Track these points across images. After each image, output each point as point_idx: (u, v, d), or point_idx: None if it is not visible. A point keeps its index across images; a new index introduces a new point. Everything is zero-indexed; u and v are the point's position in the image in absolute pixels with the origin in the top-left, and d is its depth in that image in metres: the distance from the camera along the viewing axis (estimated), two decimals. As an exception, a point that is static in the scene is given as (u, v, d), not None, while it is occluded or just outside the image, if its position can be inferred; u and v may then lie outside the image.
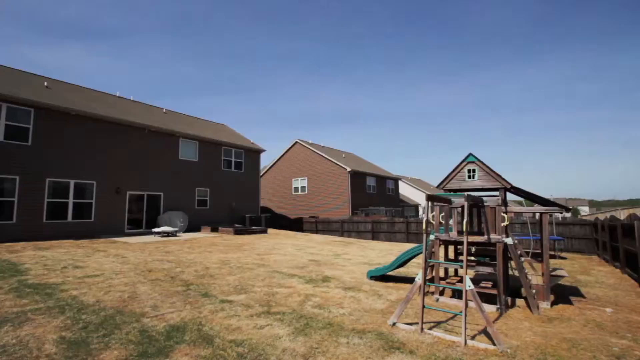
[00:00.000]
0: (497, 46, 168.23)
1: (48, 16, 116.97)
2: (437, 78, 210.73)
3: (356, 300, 6.13)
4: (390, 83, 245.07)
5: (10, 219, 12.84)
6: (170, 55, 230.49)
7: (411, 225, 19.21)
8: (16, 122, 13.28)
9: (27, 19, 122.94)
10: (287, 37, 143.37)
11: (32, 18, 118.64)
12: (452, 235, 6.29)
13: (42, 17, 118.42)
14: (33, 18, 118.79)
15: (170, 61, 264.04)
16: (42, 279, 7.05)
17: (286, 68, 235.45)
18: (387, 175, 34.43)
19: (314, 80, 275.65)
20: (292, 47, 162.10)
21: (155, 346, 4.00)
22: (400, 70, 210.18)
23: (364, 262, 10.46)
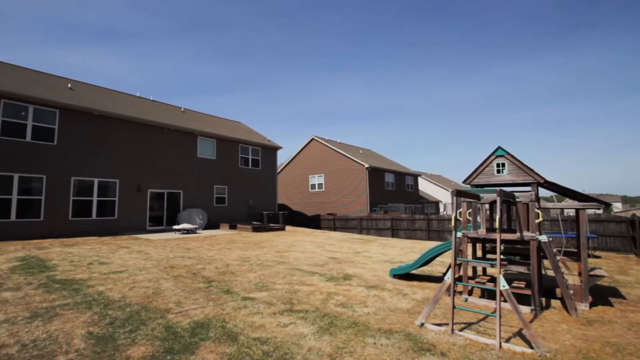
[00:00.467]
0: (521, 36, 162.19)
1: (70, 21, 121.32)
2: (456, 71, 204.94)
3: (380, 299, 5.97)
4: (408, 78, 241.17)
5: (38, 217, 13.28)
6: (188, 56, 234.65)
7: (432, 222, 18.78)
8: (42, 122, 13.71)
9: (50, 24, 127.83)
10: (302, 34, 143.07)
11: (54, 23, 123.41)
12: (481, 233, 6.02)
13: (64, 22, 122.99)
14: (55, 23, 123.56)
15: (187, 61, 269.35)
16: (69, 274, 7.20)
17: (302, 65, 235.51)
18: (406, 172, 33.89)
19: (330, 77, 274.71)
20: (308, 44, 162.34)
21: (180, 343, 3.96)
22: (419, 65, 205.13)
23: (385, 260, 10.26)
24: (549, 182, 5.71)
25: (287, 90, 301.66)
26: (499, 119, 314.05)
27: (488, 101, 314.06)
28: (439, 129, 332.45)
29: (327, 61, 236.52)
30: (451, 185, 47.05)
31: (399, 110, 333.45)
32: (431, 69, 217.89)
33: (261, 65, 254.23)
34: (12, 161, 12.72)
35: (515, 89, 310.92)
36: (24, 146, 13.09)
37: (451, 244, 6.91)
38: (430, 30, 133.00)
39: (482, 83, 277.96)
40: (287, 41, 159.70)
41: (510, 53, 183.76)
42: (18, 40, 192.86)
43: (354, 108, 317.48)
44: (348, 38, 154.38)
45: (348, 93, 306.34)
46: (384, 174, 30.01)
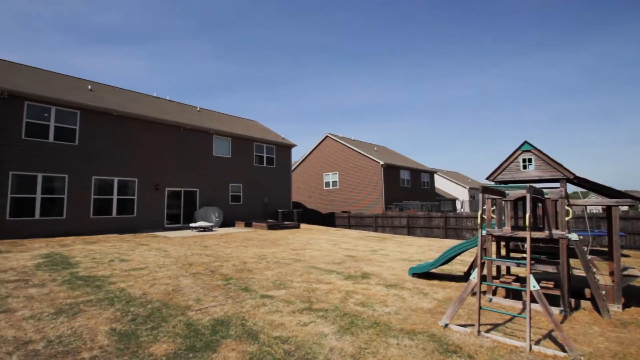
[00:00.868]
0: (542, 29, 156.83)
1: (87, 24, 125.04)
2: (474, 67, 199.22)
3: (400, 299, 5.84)
4: (424, 74, 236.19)
5: (61, 215, 13.66)
6: (202, 56, 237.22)
7: (450, 220, 18.43)
8: (64, 123, 14.07)
9: (68, 28, 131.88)
10: (317, 31, 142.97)
11: (72, 26, 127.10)
12: (506, 231, 5.80)
13: (82, 25, 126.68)
14: (73, 26, 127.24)
15: (202, 61, 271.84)
16: (91, 271, 7.34)
17: (316, 62, 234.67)
18: (422, 169, 33.38)
19: (344, 74, 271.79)
20: (323, 41, 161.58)
21: (202, 340, 3.95)
22: (435, 61, 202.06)
23: (402, 258, 10.09)
24: (578, 177, 5.45)
25: (300, 88, 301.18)
26: (518, 114, 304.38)
27: (506, 97, 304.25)
28: (456, 125, 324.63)
29: (341, 58, 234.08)
30: (468, 183, 46.12)
31: (414, 106, 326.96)
32: (448, 65, 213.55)
33: (274, 64, 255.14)
34: (36, 161, 13.11)
35: (534, 84, 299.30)
36: (47, 146, 13.47)
37: (473, 243, 6.72)
38: (447, 26, 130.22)
39: (499, 78, 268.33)
40: (300, 39, 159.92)
41: (528, 48, 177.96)
42: (39, 43, 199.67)
43: (369, 105, 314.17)
44: (362, 35, 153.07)
45: (362, 90, 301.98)
46: (399, 171, 29.64)
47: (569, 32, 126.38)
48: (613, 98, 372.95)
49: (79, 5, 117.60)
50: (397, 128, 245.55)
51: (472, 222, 17.73)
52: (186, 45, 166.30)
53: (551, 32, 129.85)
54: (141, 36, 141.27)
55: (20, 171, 12.74)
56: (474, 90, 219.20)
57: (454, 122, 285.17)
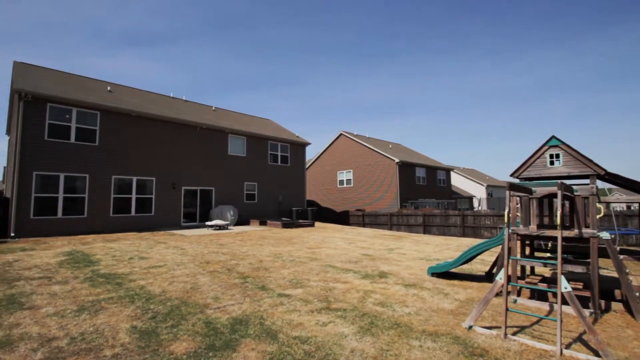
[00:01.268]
0: (561, 20, 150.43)
1: (106, 28, 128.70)
2: (490, 62, 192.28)
3: (420, 299, 5.69)
4: (439, 70, 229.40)
5: (82, 214, 14.02)
6: (217, 56, 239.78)
7: (467, 218, 18.02)
8: (85, 124, 14.41)
9: (87, 31, 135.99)
10: (329, 30, 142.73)
11: (91, 30, 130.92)
12: (532, 230, 5.58)
13: (101, 28, 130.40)
14: (92, 30, 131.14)
15: (217, 61, 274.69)
16: (112, 269, 7.47)
17: (329, 60, 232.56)
18: (438, 166, 32.83)
19: (357, 71, 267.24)
20: (336, 40, 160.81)
21: (221, 339, 3.93)
22: (450, 57, 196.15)
23: (420, 257, 9.90)
24: (610, 173, 5.17)
25: (314, 86, 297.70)
26: (537, 109, 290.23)
27: (524, 92, 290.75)
28: (473, 121, 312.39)
29: (355, 56, 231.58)
30: (486, 180, 45.11)
31: (430, 103, 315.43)
32: (463, 60, 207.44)
33: (288, 63, 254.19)
34: (58, 161, 13.48)
35: (553, 77, 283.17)
36: (68, 147, 13.83)
37: (495, 242, 6.50)
38: (461, 23, 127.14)
39: (517, 73, 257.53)
40: (313, 38, 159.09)
41: (547, 41, 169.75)
42: (60, 47, 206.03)
43: (383, 102, 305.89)
44: (375, 33, 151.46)
45: (376, 87, 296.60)
46: (414, 169, 29.23)
47: (583, 27, 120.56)
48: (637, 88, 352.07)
49: (98, 11, 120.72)
50: (413, 125, 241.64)
51: (490, 220, 17.28)
52: (202, 46, 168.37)
53: (569, 25, 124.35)
54: (158, 38, 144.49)
55: (44, 171, 13.12)
56: (490, 85, 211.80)
57: (470, 118, 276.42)
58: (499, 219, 17.10)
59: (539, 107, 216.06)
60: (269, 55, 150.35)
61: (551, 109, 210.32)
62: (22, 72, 14.68)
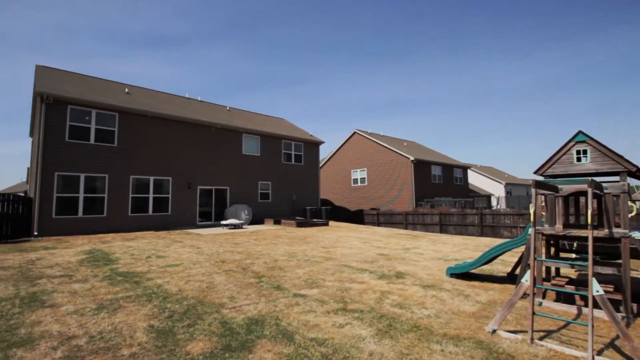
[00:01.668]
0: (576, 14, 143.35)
1: (121, 31, 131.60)
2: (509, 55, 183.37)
3: (440, 301, 5.52)
4: (455, 65, 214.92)
5: (102, 213, 14.35)
6: (230, 56, 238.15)
7: (486, 217, 17.57)
8: (104, 125, 14.74)
9: (104, 35, 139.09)
10: (340, 28, 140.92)
11: (108, 33, 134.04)
12: (558, 229, 5.33)
13: (117, 32, 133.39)
14: (109, 33, 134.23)
15: (229, 61, 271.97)
16: (130, 267, 7.57)
17: (341, 59, 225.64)
18: (455, 164, 32.21)
19: (371, 69, 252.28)
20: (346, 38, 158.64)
21: (237, 340, 3.89)
22: (466, 52, 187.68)
23: (437, 257, 9.67)
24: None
25: (327, 85, 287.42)
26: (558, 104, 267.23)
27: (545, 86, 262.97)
28: (492, 117, 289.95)
29: (368, 53, 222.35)
30: (504, 178, 44.03)
31: (446, 99, 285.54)
32: (479, 56, 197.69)
33: (301, 62, 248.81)
34: (79, 162, 13.83)
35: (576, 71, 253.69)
36: (88, 148, 14.17)
37: (518, 242, 6.26)
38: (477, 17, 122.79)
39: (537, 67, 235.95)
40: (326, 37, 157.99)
41: (568, 32, 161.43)
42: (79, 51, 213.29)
43: (396, 100, 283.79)
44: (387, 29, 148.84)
45: (390, 85, 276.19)
46: (430, 167, 28.76)
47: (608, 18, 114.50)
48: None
49: (115, 16, 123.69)
50: (427, 123, 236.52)
51: (510, 219, 16.80)
52: (215, 46, 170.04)
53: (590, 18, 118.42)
54: (173, 40, 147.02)
55: (65, 172, 13.48)
56: (509, 81, 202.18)
57: (488, 114, 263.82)
58: (519, 218, 16.61)
59: (560, 103, 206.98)
60: (281, 55, 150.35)
61: (576, 104, 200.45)
62: (44, 75, 15.12)
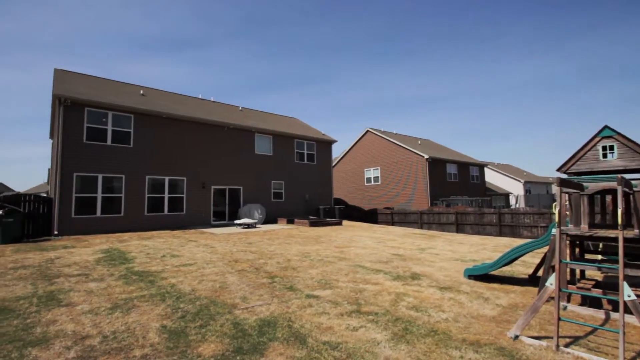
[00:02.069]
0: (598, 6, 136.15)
1: (138, 35, 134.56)
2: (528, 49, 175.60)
3: (458, 303, 5.33)
4: (471, 61, 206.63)
5: (119, 213, 14.63)
6: (243, 56, 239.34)
7: (505, 216, 17.07)
8: (120, 127, 15.02)
9: (121, 39, 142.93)
10: (351, 26, 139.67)
11: (125, 37, 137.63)
12: (583, 229, 5.05)
13: (133, 36, 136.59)
14: (126, 37, 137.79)
15: (242, 63, 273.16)
16: (145, 266, 7.64)
17: (352, 57, 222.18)
18: (471, 162, 31.53)
19: (383, 67, 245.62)
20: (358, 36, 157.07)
21: (249, 342, 3.82)
22: (483, 47, 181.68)
23: (454, 257, 9.41)
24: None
25: (340, 84, 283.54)
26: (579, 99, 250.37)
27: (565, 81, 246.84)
28: (508, 114, 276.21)
29: (381, 51, 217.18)
30: (523, 176, 42.85)
31: (461, 96, 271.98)
32: (497, 50, 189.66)
33: (313, 61, 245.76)
34: (96, 163, 14.13)
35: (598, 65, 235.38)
36: (105, 149, 14.46)
37: (541, 242, 5.99)
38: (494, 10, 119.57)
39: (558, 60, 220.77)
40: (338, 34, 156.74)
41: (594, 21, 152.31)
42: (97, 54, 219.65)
43: (410, 97, 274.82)
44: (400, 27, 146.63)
45: (403, 82, 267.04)
46: (445, 165, 28.22)
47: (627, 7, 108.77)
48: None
49: (134, 20, 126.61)
50: (442, 120, 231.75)
51: (530, 218, 16.27)
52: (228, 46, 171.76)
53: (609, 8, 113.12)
54: (186, 42, 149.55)
55: (83, 172, 13.80)
56: (527, 75, 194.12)
57: (504, 111, 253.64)
58: (539, 217, 16.07)
59: (581, 96, 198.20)
60: (293, 54, 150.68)
61: (597, 98, 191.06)
62: (62, 79, 15.51)
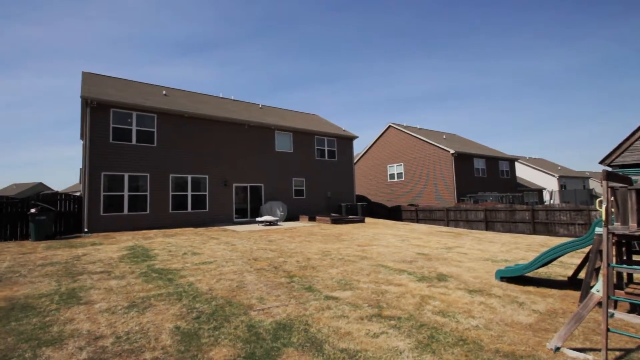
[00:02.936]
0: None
1: (161, 39, 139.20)
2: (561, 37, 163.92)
3: (489, 308, 4.90)
4: (499, 50, 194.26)
5: (145, 210, 14.99)
6: (264, 56, 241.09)
7: (539, 213, 16.07)
8: (144, 127, 15.36)
9: (148, 44, 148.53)
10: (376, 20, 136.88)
11: (149, 41, 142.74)
12: (633, 228, 4.49)
13: (157, 40, 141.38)
14: (150, 41, 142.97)
15: (263, 62, 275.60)
16: (166, 264, 7.67)
17: (374, 52, 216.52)
18: (500, 156, 30.12)
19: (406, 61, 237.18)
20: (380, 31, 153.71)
21: (262, 347, 3.62)
22: (511, 35, 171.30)
23: (484, 257, 8.86)
24: None
25: (361, 79, 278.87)
26: (618, 88, 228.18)
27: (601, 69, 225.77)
28: (542, 105, 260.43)
29: (403, 45, 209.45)
30: (558, 170, 40.55)
31: (489, 87, 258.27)
32: (527, 38, 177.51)
33: (335, 58, 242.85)
34: (122, 162, 14.53)
35: (635, 50, 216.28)
36: (130, 149, 14.84)
37: (582, 241, 5.44)
38: None
39: (595, 47, 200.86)
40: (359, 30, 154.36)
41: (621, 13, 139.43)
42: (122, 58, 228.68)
43: (434, 92, 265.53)
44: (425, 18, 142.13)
45: (427, 76, 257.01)
46: (472, 160, 27.09)
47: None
48: None
49: (159, 24, 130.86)
50: (468, 114, 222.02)
51: (567, 215, 15.22)
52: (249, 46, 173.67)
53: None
54: (209, 44, 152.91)
55: (110, 172, 14.22)
56: (560, 65, 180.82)
57: (537, 102, 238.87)
58: (577, 214, 15.00)
59: (621, 84, 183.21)
60: (315, 52, 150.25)
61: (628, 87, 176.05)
62: (89, 81, 16.05)
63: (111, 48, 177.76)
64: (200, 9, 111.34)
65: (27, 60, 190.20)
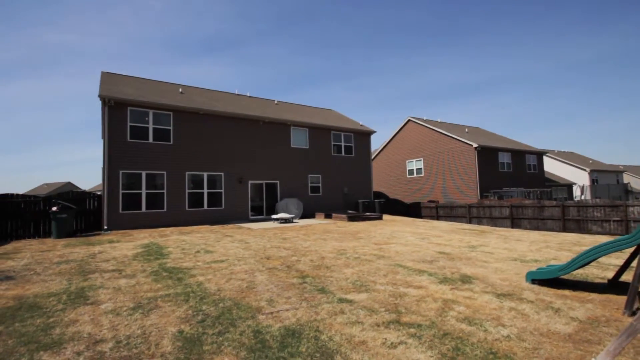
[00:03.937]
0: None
1: (184, 39, 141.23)
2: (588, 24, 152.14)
3: (521, 315, 4.41)
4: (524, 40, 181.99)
5: (162, 208, 15.08)
6: (281, 53, 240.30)
7: (570, 210, 15.07)
8: (160, 125, 15.42)
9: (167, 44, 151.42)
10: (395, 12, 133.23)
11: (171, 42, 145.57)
12: (695, 226, 3.88)
13: (179, 40, 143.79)
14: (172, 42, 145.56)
15: (281, 59, 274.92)
16: (177, 262, 7.53)
17: (395, 45, 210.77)
18: (527, 150, 28.72)
19: (426, 53, 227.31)
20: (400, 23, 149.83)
21: (267, 356, 3.32)
22: (537, 23, 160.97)
23: (512, 257, 8.25)
24: None
25: (380, 74, 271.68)
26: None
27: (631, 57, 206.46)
28: (570, 96, 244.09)
29: (423, 36, 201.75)
30: (589, 164, 38.42)
31: (514, 79, 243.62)
32: (553, 25, 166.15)
33: (352, 53, 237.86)
34: (140, 160, 14.64)
35: None
36: (147, 147, 14.94)
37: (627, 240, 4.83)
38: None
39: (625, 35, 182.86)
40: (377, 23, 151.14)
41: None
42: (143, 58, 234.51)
43: (456, 84, 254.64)
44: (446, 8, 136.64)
45: (448, 69, 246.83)
46: (497, 154, 25.93)
47: None
48: None
49: (180, 25, 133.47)
50: (492, 107, 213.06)
51: (601, 211, 14.18)
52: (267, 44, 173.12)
53: None
54: (226, 43, 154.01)
55: (128, 170, 14.36)
56: (590, 53, 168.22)
57: (566, 94, 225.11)
58: (612, 210, 13.95)
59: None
60: (333, 48, 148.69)
61: None
62: (107, 81, 16.28)
63: (136, 49, 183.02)
64: (220, 6, 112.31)
65: (58, 64, 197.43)
